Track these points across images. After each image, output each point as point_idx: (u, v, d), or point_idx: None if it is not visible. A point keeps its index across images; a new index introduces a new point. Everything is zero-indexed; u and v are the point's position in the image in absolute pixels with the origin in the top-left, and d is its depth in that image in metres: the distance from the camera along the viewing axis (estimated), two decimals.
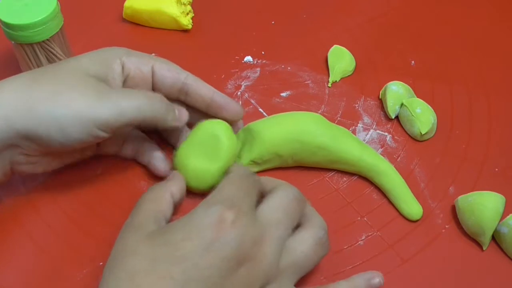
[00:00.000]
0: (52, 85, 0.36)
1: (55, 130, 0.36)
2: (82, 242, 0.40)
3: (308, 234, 0.34)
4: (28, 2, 0.45)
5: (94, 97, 0.36)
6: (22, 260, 0.39)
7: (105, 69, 0.39)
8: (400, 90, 0.48)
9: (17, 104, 0.35)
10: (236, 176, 0.35)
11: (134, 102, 0.37)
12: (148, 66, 0.41)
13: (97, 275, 0.38)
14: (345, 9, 0.59)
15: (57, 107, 0.35)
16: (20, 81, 0.37)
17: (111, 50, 0.41)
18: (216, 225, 0.31)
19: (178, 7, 0.55)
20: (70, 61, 0.39)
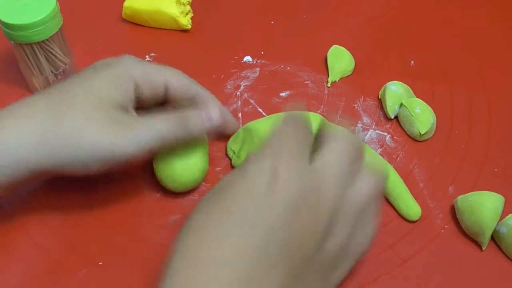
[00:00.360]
0: (71, 122, 0.36)
1: (76, 167, 0.37)
2: (82, 242, 0.40)
3: (369, 183, 0.33)
4: (28, 2, 0.45)
5: (114, 133, 0.36)
6: (22, 260, 0.39)
7: (120, 94, 0.38)
8: (399, 90, 0.48)
9: (39, 146, 0.36)
10: (285, 126, 0.33)
11: (153, 134, 0.37)
12: (161, 84, 0.40)
13: (97, 275, 0.38)
14: (345, 9, 0.59)
15: (79, 148, 0.36)
16: (39, 117, 0.36)
17: (124, 68, 0.39)
18: (271, 176, 0.30)
19: (178, 7, 0.55)
20: (84, 85, 0.38)
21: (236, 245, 0.29)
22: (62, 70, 0.49)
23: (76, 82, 0.39)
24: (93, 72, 0.39)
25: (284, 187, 0.30)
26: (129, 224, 0.41)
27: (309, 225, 0.30)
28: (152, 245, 0.40)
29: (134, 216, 0.41)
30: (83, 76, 0.39)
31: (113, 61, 0.40)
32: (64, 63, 0.49)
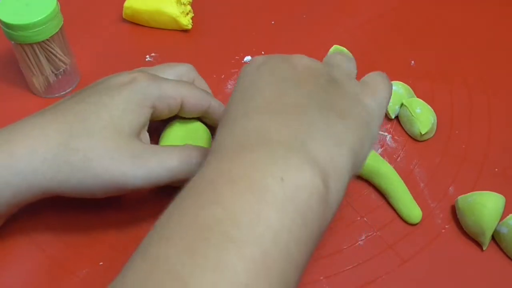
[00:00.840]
0: (85, 151, 0.36)
1: (84, 193, 0.37)
2: (82, 242, 0.40)
3: (377, 75, 0.36)
4: (28, 2, 0.45)
5: (126, 166, 0.36)
6: (22, 260, 0.39)
7: (136, 120, 0.38)
8: (400, 90, 0.48)
9: (51, 174, 0.35)
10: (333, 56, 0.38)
11: (165, 170, 0.37)
12: (178, 104, 0.40)
13: (97, 275, 0.38)
14: (345, 9, 0.59)
15: (90, 178, 0.36)
16: (51, 143, 0.36)
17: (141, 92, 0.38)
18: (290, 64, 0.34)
19: (178, 7, 0.55)
20: (100, 110, 0.37)
21: None
22: (63, 70, 0.49)
23: (91, 103, 0.37)
24: (108, 93, 0.38)
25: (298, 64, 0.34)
26: (129, 224, 0.41)
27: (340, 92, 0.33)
28: None
29: (135, 215, 0.41)
30: (97, 96, 0.38)
31: (128, 81, 0.38)
32: (64, 63, 0.49)
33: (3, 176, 0.35)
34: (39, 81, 0.49)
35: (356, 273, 0.38)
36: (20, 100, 0.50)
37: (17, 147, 0.35)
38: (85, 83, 0.51)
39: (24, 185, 0.36)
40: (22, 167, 0.35)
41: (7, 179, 0.35)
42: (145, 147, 0.37)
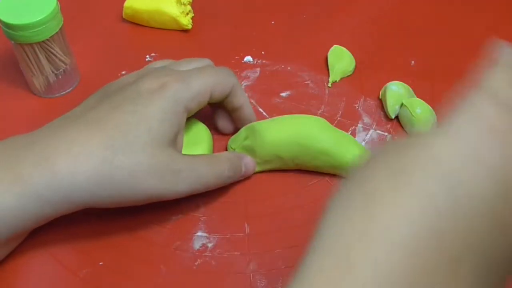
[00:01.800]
0: (129, 168, 0.36)
1: (122, 202, 0.38)
2: (82, 242, 0.40)
3: None
4: (28, 2, 0.45)
5: (168, 182, 0.37)
6: (21, 259, 0.39)
7: (174, 129, 0.38)
8: (400, 90, 0.48)
9: (95, 191, 0.36)
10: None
11: (199, 183, 0.39)
12: (207, 98, 0.41)
13: (97, 275, 0.38)
14: (345, 9, 0.59)
15: (134, 194, 0.37)
16: (95, 160, 0.35)
17: (175, 99, 0.38)
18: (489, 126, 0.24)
19: (178, 7, 0.55)
20: (141, 125, 0.37)
21: None
22: (63, 70, 0.49)
23: (127, 112, 0.37)
24: (140, 101, 0.38)
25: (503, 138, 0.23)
26: (130, 224, 0.41)
27: None
28: (154, 245, 0.40)
29: (136, 216, 0.41)
30: (132, 104, 0.37)
31: (158, 87, 0.38)
32: (64, 63, 0.49)
33: (44, 195, 0.35)
34: (39, 81, 0.49)
35: None
36: (20, 100, 0.50)
37: (59, 165, 0.35)
38: (85, 83, 0.51)
39: (65, 202, 0.36)
40: (65, 186, 0.35)
41: (48, 198, 0.35)
42: (183, 161, 0.38)
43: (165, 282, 0.38)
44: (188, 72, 0.41)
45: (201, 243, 0.40)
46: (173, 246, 0.40)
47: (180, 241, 0.40)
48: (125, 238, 0.40)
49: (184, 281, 0.38)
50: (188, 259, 0.39)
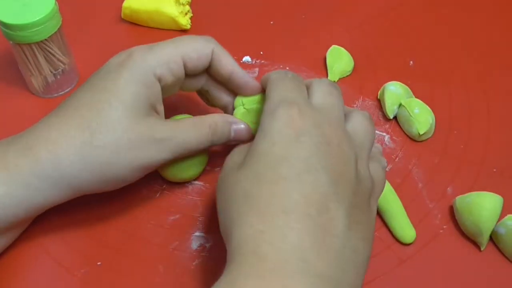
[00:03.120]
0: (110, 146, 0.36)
1: (118, 185, 0.38)
2: (81, 242, 0.40)
3: (359, 115, 0.36)
4: (26, 2, 0.45)
5: (152, 151, 0.37)
6: (21, 259, 0.39)
7: (149, 99, 0.38)
8: (398, 90, 0.48)
9: (83, 175, 0.36)
10: (279, 79, 0.36)
11: (183, 146, 0.38)
12: (181, 68, 0.39)
13: (97, 275, 0.38)
14: (344, 9, 0.59)
15: (120, 170, 0.37)
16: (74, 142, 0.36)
17: (144, 69, 0.38)
18: (290, 124, 0.32)
19: (177, 7, 0.55)
20: (112, 101, 0.37)
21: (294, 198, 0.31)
22: (61, 70, 0.49)
23: (97, 91, 0.37)
24: (109, 77, 0.38)
25: (304, 131, 0.32)
26: (128, 224, 0.41)
27: (340, 154, 0.32)
28: (152, 245, 0.40)
29: (134, 216, 0.41)
30: (102, 82, 0.38)
31: (124, 59, 0.38)
32: (63, 63, 0.49)
33: (32, 182, 0.35)
34: (38, 81, 0.49)
35: None
36: (18, 100, 0.50)
37: (41, 152, 0.35)
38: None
39: (53, 188, 0.36)
40: (50, 172, 0.35)
41: (36, 185, 0.35)
42: (164, 129, 0.38)
43: (163, 282, 0.38)
44: (158, 43, 0.40)
45: (199, 243, 0.40)
46: (171, 246, 0.40)
47: (178, 241, 0.40)
48: (123, 238, 0.40)
49: (182, 281, 0.38)
50: (186, 259, 0.39)
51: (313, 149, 0.32)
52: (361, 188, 0.33)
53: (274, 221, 0.30)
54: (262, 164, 0.32)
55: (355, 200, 0.32)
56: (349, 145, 0.33)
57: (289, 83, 0.36)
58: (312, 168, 0.31)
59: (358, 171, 0.33)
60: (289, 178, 0.31)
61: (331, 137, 0.32)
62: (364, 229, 0.32)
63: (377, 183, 0.35)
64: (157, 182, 0.43)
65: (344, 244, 0.30)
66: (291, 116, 0.32)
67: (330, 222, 0.30)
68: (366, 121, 0.36)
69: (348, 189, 0.32)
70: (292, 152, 0.31)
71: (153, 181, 0.43)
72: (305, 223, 0.30)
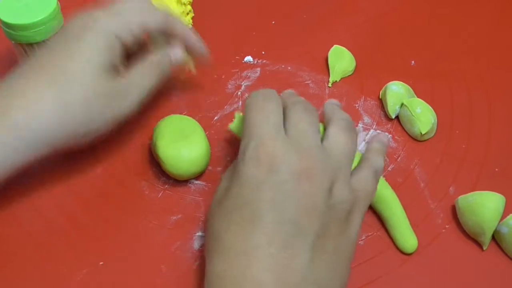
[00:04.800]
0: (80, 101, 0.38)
1: (92, 137, 0.40)
2: (82, 242, 0.40)
3: (334, 127, 0.37)
4: (28, 2, 0.45)
5: (116, 104, 0.40)
6: (21, 260, 0.39)
7: (111, 58, 0.40)
8: (400, 90, 0.48)
9: (57, 132, 0.38)
10: (249, 106, 0.37)
11: (144, 91, 0.42)
12: (141, 32, 0.42)
13: (97, 275, 0.38)
14: (346, 9, 0.59)
15: (92, 124, 0.39)
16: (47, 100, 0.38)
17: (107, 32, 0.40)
18: (257, 165, 0.33)
19: (178, 7, 0.55)
20: (76, 51, 0.39)
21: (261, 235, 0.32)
22: None
23: (65, 51, 0.40)
24: (78, 40, 0.40)
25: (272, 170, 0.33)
26: (129, 224, 0.41)
27: (308, 188, 0.33)
28: (154, 245, 0.40)
29: (135, 216, 0.41)
30: (68, 45, 0.40)
31: (91, 22, 0.40)
32: None
33: (9, 142, 0.37)
34: None
35: (356, 273, 0.38)
36: None
37: (16, 114, 0.37)
38: None
39: (31, 147, 0.38)
40: (26, 133, 0.37)
41: (13, 145, 0.37)
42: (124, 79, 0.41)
43: (165, 282, 0.38)
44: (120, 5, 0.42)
45: (202, 243, 0.40)
46: (173, 247, 0.40)
47: (180, 241, 0.40)
48: (125, 238, 0.40)
49: (184, 281, 0.38)
50: (188, 259, 0.39)
51: (278, 188, 0.32)
52: (333, 214, 0.33)
53: (235, 262, 0.32)
54: (231, 205, 0.33)
55: (324, 230, 0.33)
56: (321, 173, 0.33)
57: (259, 110, 0.36)
58: (277, 208, 0.32)
59: (332, 196, 0.33)
60: (252, 220, 0.32)
61: (300, 171, 0.33)
62: (331, 258, 0.33)
63: (363, 195, 0.36)
64: (159, 182, 0.43)
65: (305, 277, 0.32)
66: (258, 157, 0.33)
67: (291, 258, 0.31)
68: (344, 133, 0.36)
69: (315, 222, 0.32)
70: (257, 194, 0.33)
71: (155, 181, 0.43)
72: (265, 261, 0.31)
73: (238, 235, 0.32)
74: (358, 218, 0.35)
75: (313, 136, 0.35)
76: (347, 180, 0.35)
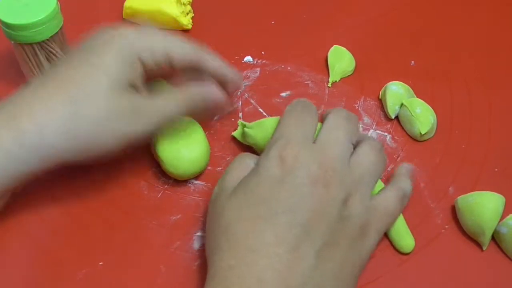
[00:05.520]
0: (93, 115, 0.37)
1: (101, 155, 0.38)
2: (82, 242, 0.40)
3: (367, 146, 0.38)
4: (28, 2, 0.45)
5: (132, 122, 0.38)
6: (22, 260, 0.39)
7: (131, 77, 0.39)
8: (400, 90, 0.48)
9: (66, 144, 0.36)
10: (287, 112, 0.39)
11: (162, 116, 0.39)
12: (165, 59, 0.41)
13: (97, 275, 0.38)
14: (345, 9, 0.59)
15: (103, 140, 0.37)
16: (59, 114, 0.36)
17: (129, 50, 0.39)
18: (279, 164, 0.34)
19: (178, 7, 0.55)
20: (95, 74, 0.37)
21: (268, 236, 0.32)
22: None
23: (83, 66, 0.38)
24: (98, 54, 0.38)
25: (291, 172, 0.34)
26: (129, 224, 0.41)
27: (323, 195, 0.34)
28: (154, 245, 0.40)
29: (134, 216, 0.41)
30: (87, 58, 0.39)
31: (112, 34, 0.39)
32: None
33: (14, 151, 0.36)
34: None
35: None
36: None
37: (24, 123, 0.36)
38: None
39: (35, 158, 0.36)
40: (33, 143, 0.36)
41: (17, 154, 0.36)
42: (145, 100, 0.39)
43: (165, 282, 0.38)
44: (149, 28, 0.41)
45: (201, 243, 0.40)
46: (173, 247, 0.40)
47: (180, 241, 0.40)
48: (125, 238, 0.40)
49: (184, 281, 0.38)
50: (188, 259, 0.39)
51: (295, 190, 0.33)
52: (345, 227, 0.34)
53: (243, 258, 0.32)
54: (246, 201, 0.34)
55: (333, 239, 0.33)
56: (339, 184, 0.34)
57: (295, 117, 0.38)
58: (289, 209, 0.33)
59: (347, 208, 0.34)
60: (265, 217, 0.33)
61: (318, 177, 0.34)
62: (337, 268, 0.33)
63: (382, 215, 0.37)
64: (159, 182, 0.43)
65: (306, 282, 0.32)
66: (282, 156, 0.34)
67: (296, 261, 0.32)
68: (373, 153, 0.37)
69: (325, 229, 0.33)
70: (273, 193, 0.33)
71: (155, 181, 0.43)
72: (271, 260, 0.32)
73: (250, 231, 0.33)
74: (374, 236, 0.36)
75: (341, 147, 0.36)
76: (366, 197, 0.36)
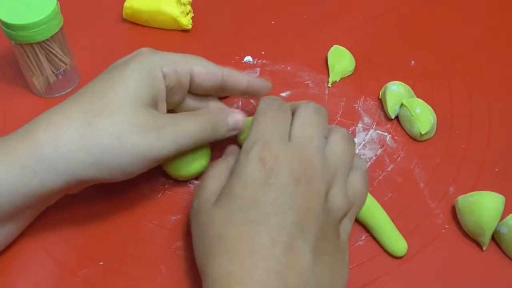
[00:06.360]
0: (111, 128, 0.35)
1: (117, 174, 0.37)
2: (82, 242, 0.40)
3: (337, 135, 0.38)
4: (28, 2, 0.45)
5: (153, 137, 0.36)
6: (22, 260, 0.39)
7: (153, 92, 0.38)
8: (400, 90, 0.48)
9: (81, 157, 0.35)
10: (262, 111, 0.39)
11: (186, 136, 0.38)
12: (187, 75, 0.40)
13: (97, 275, 0.38)
14: (345, 9, 0.59)
15: (120, 155, 0.36)
16: (74, 124, 0.35)
17: (151, 63, 0.39)
18: (260, 167, 0.35)
19: (178, 7, 0.55)
20: (117, 88, 0.37)
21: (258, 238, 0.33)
22: (63, 70, 0.49)
23: (102, 81, 0.38)
24: (116, 69, 0.38)
25: (274, 173, 0.34)
26: (129, 224, 0.41)
27: (307, 192, 0.34)
28: (154, 245, 0.40)
29: (136, 216, 0.41)
30: (108, 74, 0.38)
31: (137, 54, 0.39)
32: (64, 63, 0.49)
33: (28, 165, 0.35)
34: (39, 81, 0.49)
35: (356, 273, 0.38)
36: (20, 100, 0.50)
37: (41, 134, 0.35)
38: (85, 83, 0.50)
39: (51, 172, 0.35)
40: (48, 155, 0.35)
41: (33, 167, 0.35)
42: (164, 117, 0.38)
43: (165, 282, 0.38)
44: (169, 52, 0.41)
45: None
46: (173, 247, 0.40)
47: (180, 241, 0.40)
48: (125, 238, 0.40)
49: (184, 281, 0.38)
50: (188, 260, 0.39)
51: (281, 190, 0.34)
52: (329, 219, 0.35)
53: (242, 262, 0.32)
54: (235, 206, 0.34)
55: (322, 233, 0.34)
56: (320, 178, 0.35)
57: (270, 117, 0.38)
58: (279, 210, 0.33)
59: (328, 200, 0.35)
60: (257, 220, 0.33)
61: (300, 175, 0.34)
62: (331, 260, 0.34)
63: (357, 200, 0.38)
64: (159, 182, 0.43)
65: (307, 279, 0.32)
66: (263, 158, 0.35)
67: (294, 259, 0.32)
68: (343, 142, 0.38)
69: (314, 224, 0.34)
70: (261, 196, 0.34)
71: (155, 181, 0.43)
72: (270, 262, 0.32)
73: (243, 235, 0.33)
74: (349, 222, 0.37)
75: (317, 142, 0.37)
76: (343, 186, 0.36)
